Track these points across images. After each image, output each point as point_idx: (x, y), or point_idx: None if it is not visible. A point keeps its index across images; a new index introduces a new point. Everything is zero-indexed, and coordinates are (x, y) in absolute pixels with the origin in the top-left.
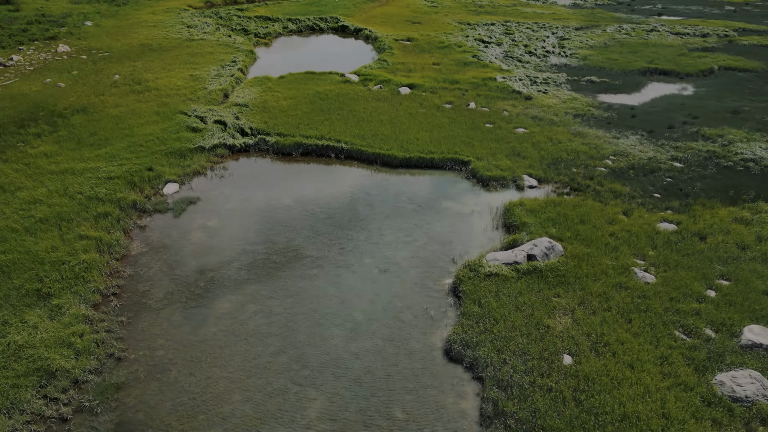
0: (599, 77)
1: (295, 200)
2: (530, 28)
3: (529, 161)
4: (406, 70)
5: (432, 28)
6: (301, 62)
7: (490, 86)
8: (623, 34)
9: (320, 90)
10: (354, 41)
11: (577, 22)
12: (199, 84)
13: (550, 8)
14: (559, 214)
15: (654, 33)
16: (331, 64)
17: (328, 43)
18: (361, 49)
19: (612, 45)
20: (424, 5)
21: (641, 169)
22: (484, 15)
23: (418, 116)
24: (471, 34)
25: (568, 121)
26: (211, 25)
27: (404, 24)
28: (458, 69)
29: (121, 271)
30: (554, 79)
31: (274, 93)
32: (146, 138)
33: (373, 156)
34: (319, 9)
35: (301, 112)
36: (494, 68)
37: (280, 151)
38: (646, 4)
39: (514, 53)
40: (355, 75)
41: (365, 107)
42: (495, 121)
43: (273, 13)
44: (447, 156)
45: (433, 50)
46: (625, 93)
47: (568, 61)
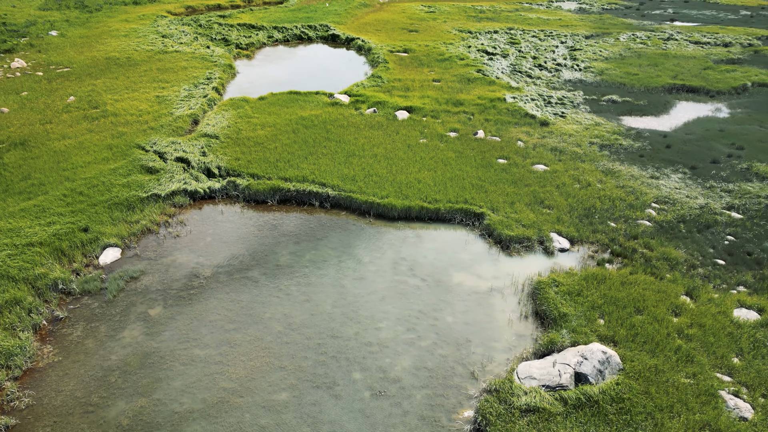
0: (620, 96)
1: (264, 272)
2: (537, 37)
3: (556, 212)
4: (404, 88)
5: (430, 37)
6: (286, 78)
7: (499, 108)
8: (638, 43)
9: (305, 115)
10: (345, 52)
11: (586, 29)
12: (165, 108)
13: (555, 13)
14: (606, 297)
15: (671, 42)
16: (319, 81)
17: (317, 55)
18: (352, 62)
19: (628, 56)
20: (421, 11)
21: (694, 223)
22: (486, 22)
23: (418, 149)
24: (473, 44)
25: (594, 155)
26: (188, 35)
27: (400, 32)
28: (462, 87)
29: (18, 400)
30: (570, 98)
31: (250, 120)
32: (90, 183)
33: (366, 205)
34: (307, 15)
35: (281, 145)
36: (502, 85)
37: (252, 198)
38: (656, 9)
39: (522, 67)
40: (346, 95)
41: (356, 137)
42: (509, 156)
43: (258, 20)
44: (455, 206)
45: (432, 64)
46: (652, 115)
47: (582, 76)
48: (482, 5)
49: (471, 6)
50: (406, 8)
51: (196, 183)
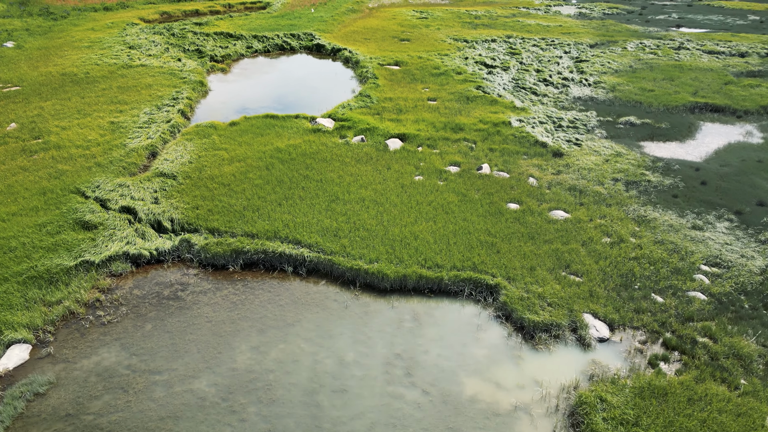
0: (639, 117)
1: (215, 382)
2: (538, 46)
3: (587, 282)
4: (395, 109)
5: (423, 47)
6: (263, 97)
7: (504, 135)
8: (648, 53)
9: (281, 146)
10: (331, 64)
11: (590, 37)
12: (118, 138)
13: (554, 19)
14: (672, 427)
15: (684, 52)
16: (300, 101)
17: (299, 69)
18: (338, 77)
19: (640, 69)
20: (413, 17)
21: (758, 296)
22: (482, 29)
23: (414, 190)
24: (470, 55)
25: (620, 196)
26: (159, 45)
27: (390, 41)
28: (460, 107)
29: None
30: (583, 120)
31: (217, 152)
32: (6, 245)
33: (351, 272)
34: (291, 23)
35: (251, 186)
36: (505, 105)
37: (210, 263)
38: (659, 14)
39: (526, 82)
40: (330, 119)
41: (341, 175)
42: (521, 198)
43: (237, 28)
44: (462, 273)
45: (426, 79)
46: (677, 141)
47: (593, 93)
48: (477, 10)
49: (465, 11)
50: (397, 14)
51: (141, 242)
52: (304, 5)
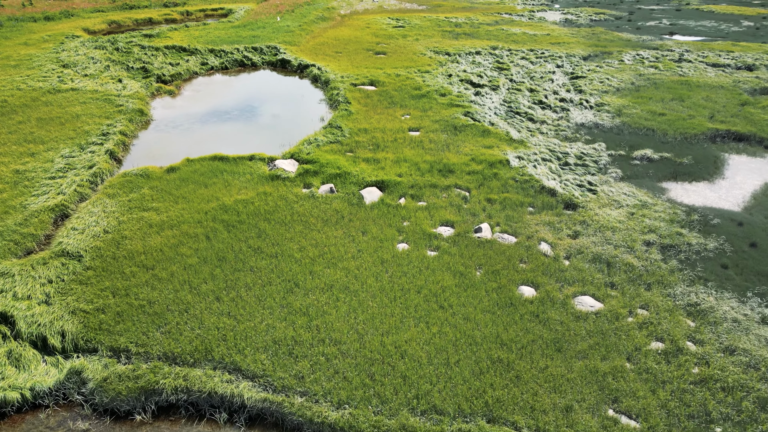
0: (655, 149)
1: None
2: (527, 58)
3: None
4: (372, 145)
5: (402, 62)
6: (214, 129)
7: (503, 179)
8: (648, 66)
9: (229, 203)
10: (297, 84)
11: (581, 48)
12: (19, 195)
13: (540, 27)
14: None
15: (686, 64)
16: (259, 134)
17: (260, 90)
18: (305, 101)
19: (644, 86)
20: (389, 26)
21: None
22: (465, 39)
23: (397, 268)
24: (454, 72)
25: (659, 270)
26: (98, 62)
27: (365, 55)
28: (448, 139)
29: None
30: (592, 155)
31: (145, 214)
32: None
33: (311, 427)
34: (254, 34)
35: (182, 269)
36: (500, 137)
37: (109, 408)
38: (649, 20)
39: (520, 105)
40: (292, 160)
41: (303, 246)
42: (536, 279)
43: (192, 40)
44: (472, 429)
45: (407, 102)
46: (705, 180)
47: (597, 118)
48: (457, 17)
49: (444, 18)
50: (371, 22)
51: (12, 375)
52: (269, 13)
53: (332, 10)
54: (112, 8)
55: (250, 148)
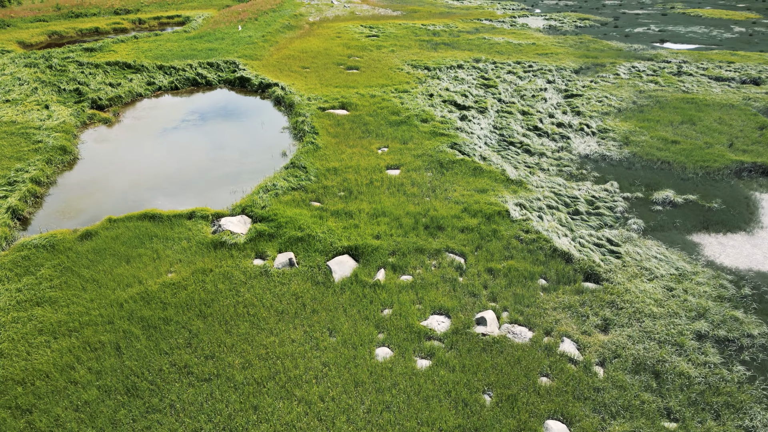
0: (676, 189)
1: None
2: (514, 72)
3: None
4: (343, 190)
5: (376, 79)
6: (151, 173)
7: (504, 237)
8: (647, 81)
9: (153, 289)
10: (257, 107)
11: (571, 59)
12: None
13: (524, 35)
14: None
15: (687, 78)
16: (205, 178)
17: (213, 117)
18: (265, 130)
19: (647, 106)
20: (361, 35)
21: None
22: (444, 50)
23: (377, 396)
24: (435, 90)
25: (725, 386)
26: (26, 84)
27: (335, 71)
28: (434, 181)
29: None
30: (605, 199)
31: (36, 310)
32: None
33: None
34: (211, 46)
35: (69, 410)
36: (494, 176)
37: None
38: (636, 26)
39: (512, 131)
40: (243, 217)
41: (248, 358)
42: (568, 410)
43: (139, 55)
44: None
45: (383, 130)
46: (742, 231)
47: (602, 147)
48: (434, 24)
49: (421, 26)
50: (342, 31)
51: None
52: (230, 22)
53: (300, 17)
54: (56, 17)
55: (194, 197)
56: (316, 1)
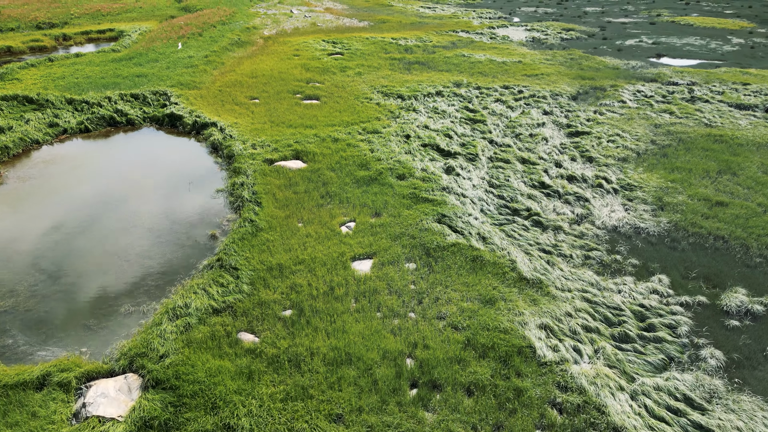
0: (749, 287)
1: None
2: (503, 101)
3: None
4: (289, 307)
5: (340, 113)
6: (8, 281)
7: (532, 403)
8: (661, 111)
9: None
10: (186, 158)
11: (565, 82)
12: None
13: (507, 50)
14: None
15: (703, 105)
16: (86, 291)
17: (124, 176)
18: (191, 197)
19: (669, 145)
20: (323, 52)
21: None
22: (419, 71)
23: None
24: (412, 129)
25: None
26: None
27: (290, 102)
28: (421, 285)
29: None
30: (659, 309)
31: None
32: None
33: None
34: (139, 71)
35: None
36: (502, 273)
37: None
38: (626, 38)
39: (514, 191)
40: (125, 381)
41: None
42: None
43: (47, 85)
44: None
45: (348, 194)
46: None
47: (632, 213)
48: (406, 37)
49: (391, 40)
50: (302, 47)
51: None
52: (169, 38)
53: (253, 31)
54: None
55: (65, 328)
56: (273, 10)
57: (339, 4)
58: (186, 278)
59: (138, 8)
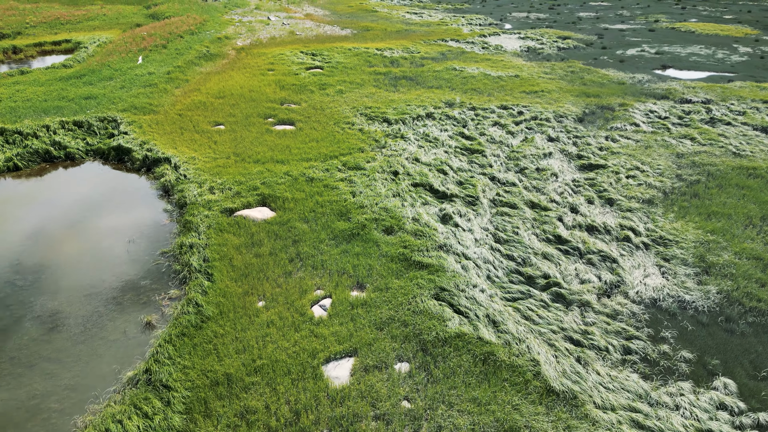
0: None
1: None
2: (501, 124)
3: None
4: None
5: (318, 144)
6: None
7: None
8: (680, 136)
9: None
10: (130, 204)
11: (570, 99)
12: None
13: (502, 61)
14: None
15: (724, 127)
16: None
17: (53, 229)
18: (128, 261)
19: (698, 181)
20: (301, 66)
21: None
22: (407, 87)
23: None
24: (401, 163)
25: None
26: None
27: (260, 128)
28: (417, 403)
29: None
30: None
31: None
32: None
33: None
34: (89, 92)
35: None
36: (523, 383)
37: None
38: (626, 47)
39: (526, 249)
40: None
41: None
42: None
43: None
44: None
45: (324, 255)
46: None
47: (672, 282)
48: (391, 48)
49: (375, 51)
50: (278, 59)
51: None
52: (129, 50)
53: (225, 41)
54: None
55: None
56: (248, 17)
57: (320, 9)
58: (101, 400)
59: (102, 16)
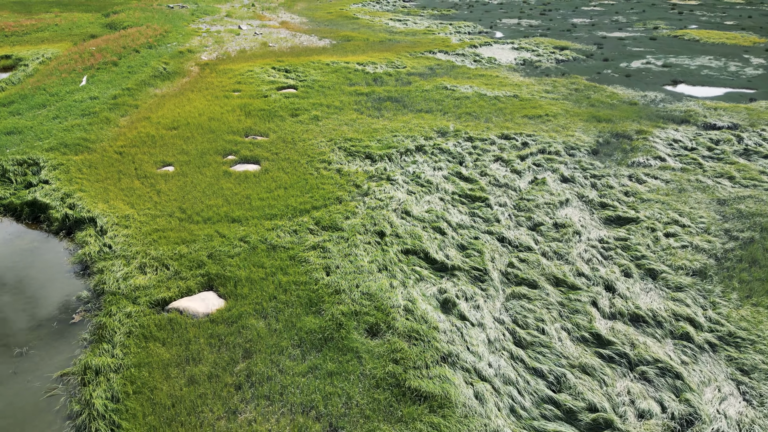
0: None
1: None
2: (503, 159)
3: None
4: None
5: (285, 192)
6: None
7: None
8: (715, 175)
9: None
10: (34, 288)
11: (579, 126)
12: None
13: (498, 77)
14: None
15: (761, 161)
16: None
17: None
18: (11, 392)
19: (753, 242)
20: (272, 86)
21: None
22: (393, 111)
23: None
24: (388, 220)
25: None
26: None
27: (216, 170)
28: None
29: None
30: None
31: None
32: None
33: None
34: (13, 125)
35: None
36: None
37: None
38: (630, 59)
39: (558, 357)
40: None
41: None
42: None
43: None
44: None
45: (285, 376)
46: None
47: (759, 414)
48: (374, 62)
49: (357, 66)
50: (246, 77)
51: None
52: (72, 69)
53: (187, 56)
54: None
55: None
56: (217, 27)
57: (297, 16)
58: None
59: (53, 26)
